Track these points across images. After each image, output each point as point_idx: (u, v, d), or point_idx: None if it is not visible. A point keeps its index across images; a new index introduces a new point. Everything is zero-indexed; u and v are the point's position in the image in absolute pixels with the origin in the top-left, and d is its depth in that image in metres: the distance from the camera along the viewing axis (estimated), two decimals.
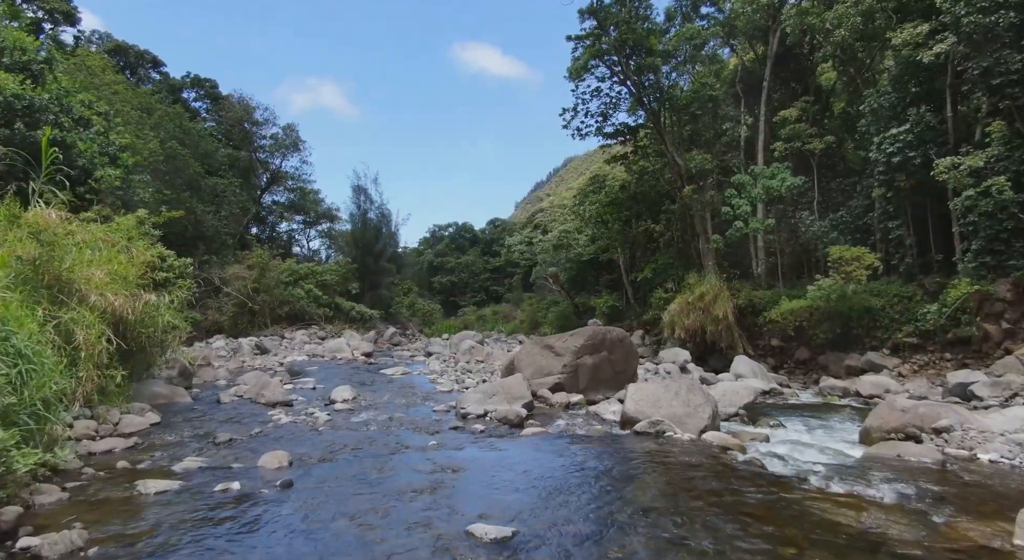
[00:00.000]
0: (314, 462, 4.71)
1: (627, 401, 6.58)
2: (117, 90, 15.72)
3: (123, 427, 5.61)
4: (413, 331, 20.91)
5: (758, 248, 18.73)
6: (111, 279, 6.12)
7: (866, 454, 5.07)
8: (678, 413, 6.07)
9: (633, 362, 9.67)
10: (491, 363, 12.41)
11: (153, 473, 4.30)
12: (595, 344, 8.79)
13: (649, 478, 4.26)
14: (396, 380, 11.05)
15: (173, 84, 25.87)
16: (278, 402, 7.78)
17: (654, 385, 7.02)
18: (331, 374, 11.80)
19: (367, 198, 23.10)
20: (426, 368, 12.71)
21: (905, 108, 14.21)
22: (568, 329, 29.68)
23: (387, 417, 6.93)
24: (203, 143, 20.78)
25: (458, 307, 51.94)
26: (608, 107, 22.54)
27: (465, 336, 13.87)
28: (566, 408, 7.82)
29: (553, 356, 8.75)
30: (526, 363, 8.94)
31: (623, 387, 8.77)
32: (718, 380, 11.52)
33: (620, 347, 9.22)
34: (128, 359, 6.54)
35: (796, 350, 16.42)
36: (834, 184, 17.97)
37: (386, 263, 22.37)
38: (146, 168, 15.02)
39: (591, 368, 8.56)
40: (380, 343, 17.41)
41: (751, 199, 16.64)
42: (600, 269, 29.35)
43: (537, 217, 53.65)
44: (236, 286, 16.37)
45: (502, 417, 6.58)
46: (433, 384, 10.38)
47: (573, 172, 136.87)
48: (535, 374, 8.61)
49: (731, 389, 8.65)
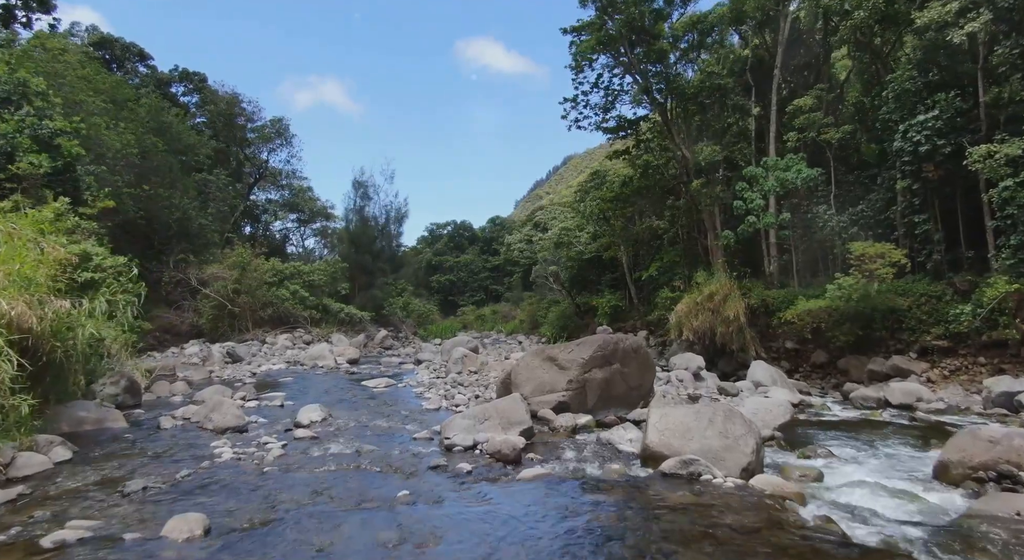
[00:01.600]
0: (240, 529, 3.52)
1: (649, 430, 5.40)
2: (85, 75, 14.42)
3: (15, 469, 4.42)
4: (407, 333, 19.60)
5: (770, 245, 17.60)
6: (9, 282, 4.91)
7: (971, 510, 3.88)
8: (714, 447, 4.89)
9: (649, 376, 8.37)
10: (486, 374, 11.13)
11: (11, 552, 3.12)
12: (605, 355, 7.56)
13: (691, 556, 3.11)
14: (378, 394, 9.93)
15: (160, 78, 24.63)
16: (229, 428, 6.60)
17: (682, 410, 5.66)
18: (306, 387, 10.67)
19: (366, 194, 21.82)
20: (414, 378, 11.56)
21: (931, 93, 13.11)
22: (569, 329, 28.77)
23: (354, 451, 5.75)
24: (185, 136, 19.53)
25: (457, 306, 50.93)
26: (609, 99, 21.38)
27: (458, 342, 12.44)
28: (572, 433, 6.65)
29: (556, 370, 7.53)
30: (525, 378, 7.72)
31: (637, 405, 7.70)
32: (737, 389, 10.36)
33: (634, 359, 7.93)
34: (39, 380, 5.36)
35: (813, 353, 15.33)
36: (851, 177, 16.84)
37: (382, 262, 21.01)
38: (118, 161, 13.78)
39: (601, 384, 7.37)
40: (370, 347, 16.20)
41: (764, 192, 15.50)
42: (602, 268, 28.22)
43: (537, 215, 52.51)
44: (216, 287, 15.24)
45: (495, 451, 5.39)
46: (419, 399, 9.27)
47: (573, 170, 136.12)
48: (536, 391, 7.45)
49: (763, 407, 7.45)
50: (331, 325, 16.66)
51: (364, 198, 22.30)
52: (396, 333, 19.25)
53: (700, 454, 4.81)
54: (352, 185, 23.11)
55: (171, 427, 6.88)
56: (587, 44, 18.66)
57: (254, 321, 15.13)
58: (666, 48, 18.07)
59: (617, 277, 27.60)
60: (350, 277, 18.92)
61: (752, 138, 18.06)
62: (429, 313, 22.53)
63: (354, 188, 22.92)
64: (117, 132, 14.17)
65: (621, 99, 21.37)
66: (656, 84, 19.13)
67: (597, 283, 28.52)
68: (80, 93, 13.75)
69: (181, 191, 16.54)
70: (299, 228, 33.77)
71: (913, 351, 12.81)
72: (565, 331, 27.72)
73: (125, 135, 14.37)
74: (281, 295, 15.93)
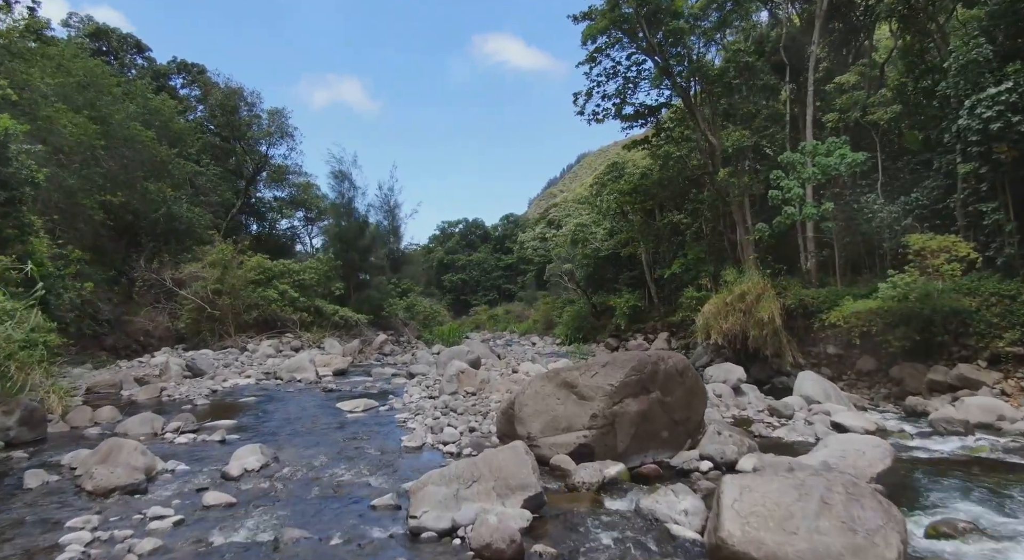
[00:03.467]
0: None
1: (724, 514, 3.62)
2: (47, 53, 13.34)
3: None
4: (409, 337, 18.08)
5: (807, 239, 16.02)
6: None
7: None
8: (834, 548, 3.17)
9: (699, 406, 6.45)
10: (486, 396, 9.14)
11: None
12: (641, 380, 5.70)
13: None
14: (352, 421, 8.24)
15: (158, 70, 23.83)
16: (117, 488, 4.89)
17: (775, 483, 3.74)
18: (269, 411, 9.07)
19: (351, 184, 20.17)
20: (402, 398, 9.76)
21: (1002, 63, 11.46)
22: (584, 330, 27.33)
23: (272, 536, 4.06)
24: (174, 124, 18.36)
25: (469, 306, 49.92)
26: (627, 86, 19.93)
27: (456, 353, 10.88)
28: (598, 492, 4.95)
29: (576, 400, 5.74)
30: (533, 410, 5.96)
31: (684, 444, 6.01)
32: (791, 410, 8.75)
33: (679, 384, 6.06)
34: None
35: (858, 359, 13.80)
36: (901, 163, 15.16)
37: (376, 259, 19.35)
38: (79, 149, 12.46)
39: (636, 418, 5.58)
40: (367, 353, 14.77)
41: (803, 180, 13.93)
42: (620, 265, 26.78)
43: (551, 212, 51.15)
44: (195, 288, 13.92)
45: (483, 546, 3.68)
46: (400, 430, 7.62)
47: (587, 168, 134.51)
48: (547, 429, 5.75)
49: (851, 448, 5.38)
50: (324, 329, 15.26)
51: (349, 189, 20.54)
52: (397, 337, 17.69)
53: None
54: (333, 176, 21.09)
55: (39, 485, 5.12)
56: (598, 25, 17.23)
57: (237, 325, 13.78)
58: (684, 28, 16.55)
59: (636, 275, 26.17)
60: (344, 276, 17.43)
61: (786, 122, 16.46)
62: (435, 314, 20.89)
63: (335, 179, 20.91)
64: (83, 119, 12.78)
65: (640, 86, 19.94)
66: (677, 66, 17.63)
67: (614, 282, 27.12)
68: (36, 74, 12.34)
69: (169, 184, 15.34)
70: (307, 226, 32.88)
71: (982, 359, 11.20)
72: (580, 332, 26.38)
73: (88, 125, 12.89)
74: (268, 296, 14.52)
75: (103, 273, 12.20)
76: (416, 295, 21.25)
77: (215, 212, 19.74)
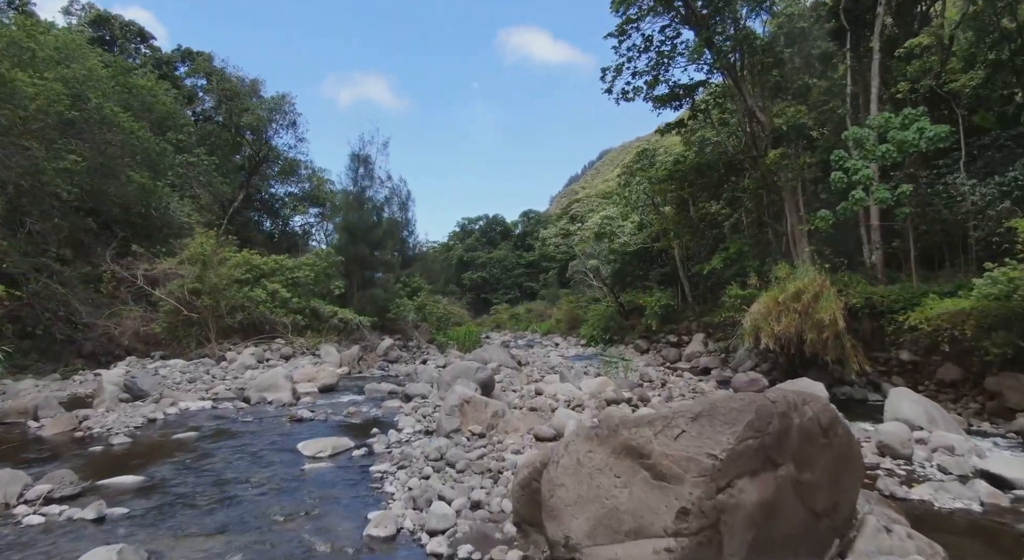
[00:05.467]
0: None
1: None
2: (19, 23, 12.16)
3: None
4: (419, 341, 16.26)
5: (870, 228, 14.02)
6: None
7: None
8: None
9: (852, 482, 3.90)
10: (498, 439, 6.81)
11: None
12: (763, 446, 3.23)
13: None
14: (311, 475, 6.02)
15: (161, 59, 22.85)
16: None
17: None
18: (203, 458, 6.69)
19: (369, 171, 18.22)
20: (387, 436, 7.30)
21: None
22: (612, 331, 25.36)
23: None
24: (158, 105, 16.99)
25: (490, 305, 48.52)
26: (661, 62, 18.05)
27: (462, 370, 8.49)
28: None
29: (648, 481, 3.23)
30: (574, 495, 3.47)
31: (828, 551, 3.56)
32: (908, 448, 6.47)
33: (822, 449, 3.63)
34: None
35: (939, 368, 11.88)
36: (988, 138, 13.02)
37: (386, 254, 17.72)
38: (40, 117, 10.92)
39: (756, 514, 3.09)
40: (368, 360, 12.94)
41: (875, 159, 11.94)
42: (649, 261, 24.89)
43: (573, 208, 49.41)
44: (171, 287, 12.10)
45: None
46: (371, 497, 5.34)
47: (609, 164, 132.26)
48: (599, 530, 3.26)
49: None
50: (321, 333, 13.57)
51: (366, 177, 18.29)
52: (405, 341, 15.84)
53: None
54: (350, 160, 18.74)
55: None
56: None
57: (220, 329, 12.19)
58: None
59: (667, 272, 24.26)
60: (346, 273, 15.60)
61: (846, 96, 14.41)
62: (449, 315, 18.90)
63: (352, 164, 18.46)
64: (50, 81, 11.32)
65: (674, 62, 18.05)
66: (721, 36, 15.71)
67: (643, 279, 25.25)
68: None
69: (150, 172, 13.77)
70: (321, 223, 31.72)
71: None
72: (607, 333, 24.63)
73: (56, 88, 11.31)
74: (256, 296, 12.94)
75: (76, 271, 10.82)
76: (428, 293, 19.20)
77: (209, 206, 18.28)
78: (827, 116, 14.56)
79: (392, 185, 21.60)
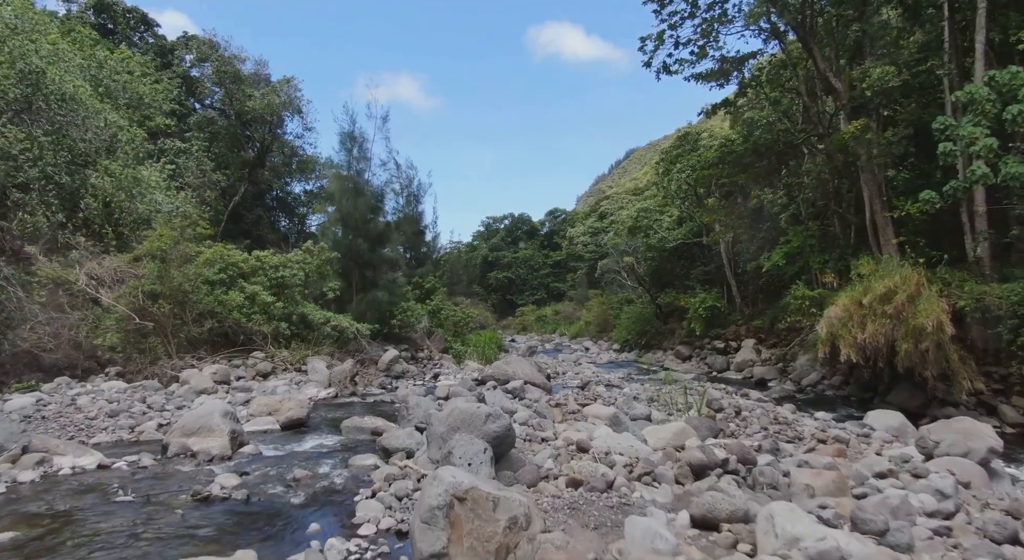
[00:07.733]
0: None
1: None
2: None
3: None
4: (431, 351, 13.82)
5: (974, 215, 11.54)
6: None
7: None
8: None
9: None
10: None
11: None
12: None
13: None
14: None
15: (164, 46, 21.70)
16: None
17: None
18: None
19: (363, 152, 15.21)
20: (335, 546, 3.72)
21: None
22: (648, 335, 22.94)
23: None
24: (135, 85, 14.87)
25: (515, 306, 46.73)
26: (709, 29, 15.78)
27: (462, 420, 4.83)
28: None
29: None
30: None
31: None
32: None
33: None
34: None
35: None
36: None
37: (390, 251, 15.50)
38: None
39: None
40: (367, 377, 10.53)
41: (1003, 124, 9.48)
42: (691, 259, 22.56)
43: (602, 205, 47.12)
44: (124, 289, 9.83)
45: None
46: None
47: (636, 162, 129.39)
48: None
49: None
50: (310, 344, 11.37)
51: (360, 159, 15.16)
52: (415, 351, 13.39)
53: None
54: (340, 140, 15.69)
55: None
56: None
57: (181, 341, 9.81)
58: None
59: (711, 270, 21.90)
60: (343, 272, 13.43)
61: (947, 50, 11.90)
62: (468, 319, 16.37)
63: (344, 145, 15.37)
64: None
65: (728, 28, 15.77)
66: None
67: (684, 278, 22.93)
68: None
69: (122, 159, 11.93)
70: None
71: None
72: (643, 337, 22.42)
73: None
74: (230, 301, 10.49)
75: (23, 270, 9.18)
76: (444, 296, 16.76)
77: (209, 200, 16.63)
78: (920, 79, 12.06)
79: (395, 171, 19.69)
